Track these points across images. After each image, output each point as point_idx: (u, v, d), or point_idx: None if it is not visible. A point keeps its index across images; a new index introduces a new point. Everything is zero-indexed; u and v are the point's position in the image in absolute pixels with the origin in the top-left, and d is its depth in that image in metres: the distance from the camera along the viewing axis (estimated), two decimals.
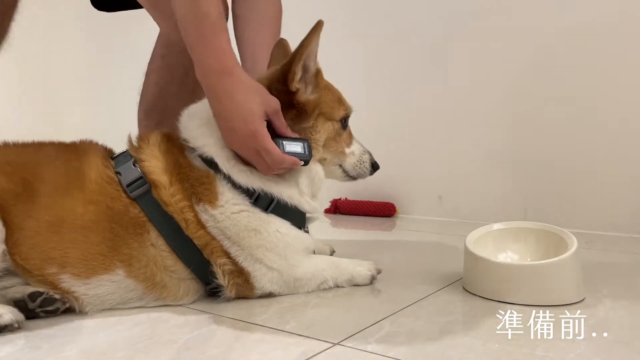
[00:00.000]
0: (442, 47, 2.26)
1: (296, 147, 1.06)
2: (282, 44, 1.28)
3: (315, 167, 1.13)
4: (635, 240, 1.80)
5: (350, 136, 1.21)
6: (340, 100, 1.17)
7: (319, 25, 1.06)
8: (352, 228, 2.13)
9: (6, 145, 1.04)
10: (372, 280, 1.17)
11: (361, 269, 1.16)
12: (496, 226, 1.22)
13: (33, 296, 0.91)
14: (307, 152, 1.07)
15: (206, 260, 1.02)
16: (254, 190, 1.04)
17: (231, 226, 1.02)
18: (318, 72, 1.12)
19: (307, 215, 1.14)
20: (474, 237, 1.17)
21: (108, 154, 1.08)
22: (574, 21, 1.98)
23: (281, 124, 1.05)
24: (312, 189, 1.13)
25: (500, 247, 1.18)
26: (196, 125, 1.08)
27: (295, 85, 1.06)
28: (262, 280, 1.05)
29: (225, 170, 1.04)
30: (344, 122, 1.17)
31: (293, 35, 1.20)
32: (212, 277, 1.02)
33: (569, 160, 2.00)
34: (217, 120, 1.04)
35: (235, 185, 1.04)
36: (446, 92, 2.26)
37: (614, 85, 1.92)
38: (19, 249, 0.93)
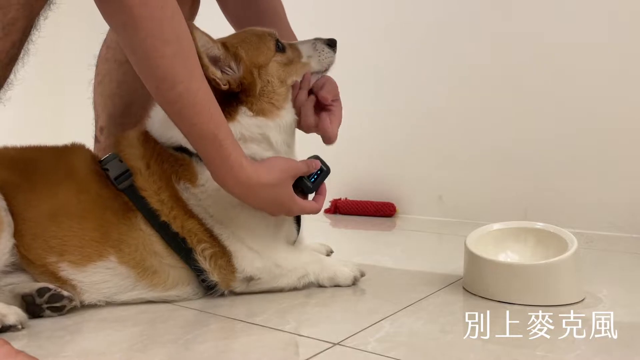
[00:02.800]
0: (443, 47, 2.26)
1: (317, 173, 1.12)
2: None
3: (284, 116, 1.11)
4: (635, 240, 1.81)
5: (294, 49, 1.17)
6: (260, 40, 1.12)
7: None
8: (352, 228, 2.14)
9: (6, 147, 1.09)
10: (355, 281, 1.16)
11: (345, 269, 1.16)
12: (496, 226, 1.22)
13: (41, 292, 0.93)
14: (326, 168, 1.14)
15: (189, 247, 1.02)
16: None
17: (214, 204, 1.03)
18: (226, 47, 1.07)
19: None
20: (474, 237, 1.17)
21: (96, 155, 1.12)
22: (574, 22, 1.99)
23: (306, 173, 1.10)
24: (286, 140, 1.12)
25: (500, 247, 1.18)
26: (159, 120, 1.09)
27: (216, 81, 1.04)
28: (243, 261, 1.05)
29: (194, 152, 1.04)
30: (279, 49, 1.13)
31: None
32: (194, 264, 1.03)
33: (569, 160, 2.01)
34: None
35: None
36: (446, 93, 2.27)
37: (614, 86, 1.92)
38: (23, 240, 0.95)
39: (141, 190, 1.03)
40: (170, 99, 0.92)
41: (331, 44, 1.20)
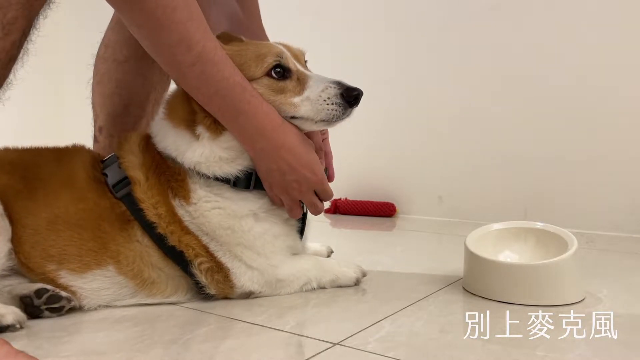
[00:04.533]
0: (444, 47, 2.26)
1: None
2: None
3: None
4: (635, 240, 1.81)
5: (302, 81, 1.04)
6: (258, 55, 1.03)
7: None
8: (352, 228, 2.13)
9: (6, 149, 1.07)
10: (357, 282, 1.16)
11: (346, 269, 1.15)
12: (496, 226, 1.21)
13: (39, 293, 0.93)
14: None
15: (186, 260, 1.02)
16: (226, 177, 1.03)
17: (206, 223, 1.02)
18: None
19: None
20: (474, 237, 1.17)
21: (97, 157, 1.10)
22: (574, 23, 1.99)
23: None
24: None
25: (500, 247, 1.18)
26: (158, 127, 1.09)
27: None
28: (242, 278, 1.04)
29: (186, 165, 1.03)
30: (276, 73, 1.03)
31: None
32: (192, 278, 1.02)
33: (569, 160, 2.01)
34: (272, 175, 1.02)
35: (207, 177, 1.03)
36: (447, 93, 2.27)
37: (613, 86, 1.92)
38: (22, 247, 0.95)
39: (139, 202, 1.01)
40: (190, 62, 0.93)
41: (348, 97, 1.01)
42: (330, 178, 1.14)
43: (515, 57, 2.10)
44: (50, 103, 3.43)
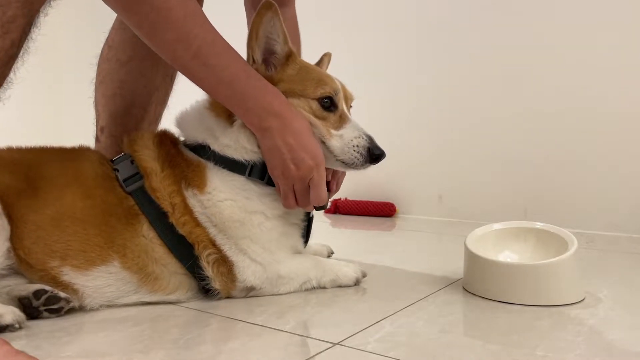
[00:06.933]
0: (444, 46, 2.27)
1: None
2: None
3: None
4: (635, 240, 1.81)
5: (343, 120, 1.11)
6: (319, 81, 1.11)
7: (262, 7, 1.05)
8: (352, 228, 2.14)
9: (10, 148, 1.08)
10: (357, 282, 1.16)
11: (347, 269, 1.16)
12: (496, 226, 1.22)
13: (38, 294, 0.92)
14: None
15: (193, 254, 1.03)
16: (246, 162, 1.07)
17: (217, 214, 1.04)
18: (290, 55, 1.11)
19: None
20: (474, 237, 1.18)
21: (104, 156, 1.12)
22: (575, 19, 1.99)
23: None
24: None
25: (500, 247, 1.18)
26: (187, 121, 1.14)
27: (250, 56, 1.10)
28: (245, 272, 1.05)
29: (216, 149, 1.07)
30: (324, 102, 1.10)
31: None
32: (198, 270, 1.03)
33: (569, 161, 2.01)
34: (273, 155, 1.03)
35: (226, 163, 1.06)
36: (446, 92, 2.27)
37: (613, 85, 1.92)
38: (23, 243, 0.95)
39: (154, 191, 1.03)
40: (191, 55, 0.96)
41: (373, 155, 1.08)
42: (329, 187, 1.16)
43: (515, 57, 2.10)
44: (50, 102, 3.43)
